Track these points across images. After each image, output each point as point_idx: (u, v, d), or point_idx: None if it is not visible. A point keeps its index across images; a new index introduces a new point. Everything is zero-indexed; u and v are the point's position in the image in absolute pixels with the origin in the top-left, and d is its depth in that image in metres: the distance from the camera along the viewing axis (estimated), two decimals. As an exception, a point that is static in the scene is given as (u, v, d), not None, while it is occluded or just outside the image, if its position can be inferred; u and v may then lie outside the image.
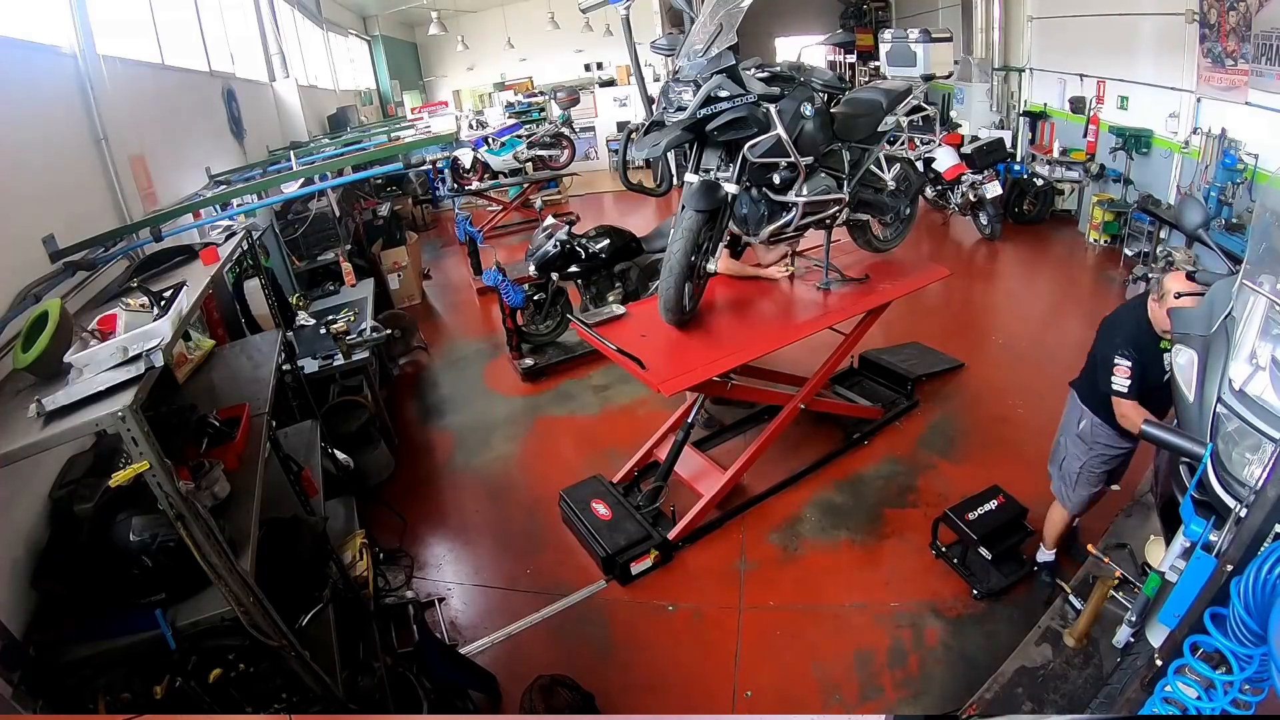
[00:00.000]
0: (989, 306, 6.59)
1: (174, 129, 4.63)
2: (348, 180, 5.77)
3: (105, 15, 3.84)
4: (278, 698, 2.01)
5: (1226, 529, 1.57)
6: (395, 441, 4.71)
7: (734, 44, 3.00)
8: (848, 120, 3.56)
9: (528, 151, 10.85)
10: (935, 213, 8.37)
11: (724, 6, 3.02)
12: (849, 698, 2.72)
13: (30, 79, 3.01)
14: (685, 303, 3.45)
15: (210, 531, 1.74)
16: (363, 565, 2.99)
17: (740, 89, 3.01)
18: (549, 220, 5.63)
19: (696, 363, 3.26)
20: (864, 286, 3.95)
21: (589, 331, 3.58)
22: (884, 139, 3.78)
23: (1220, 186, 5.34)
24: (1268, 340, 1.67)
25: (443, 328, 7.19)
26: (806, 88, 3.25)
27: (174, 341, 1.82)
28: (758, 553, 3.51)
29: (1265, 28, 4.85)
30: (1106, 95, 7.25)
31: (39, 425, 1.62)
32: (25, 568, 1.94)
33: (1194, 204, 2.21)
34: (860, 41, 15.59)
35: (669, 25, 13.03)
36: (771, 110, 3.06)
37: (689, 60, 3.05)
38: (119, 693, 1.77)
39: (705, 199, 3.16)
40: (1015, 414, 4.45)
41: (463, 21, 13.68)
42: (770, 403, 3.86)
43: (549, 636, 3.17)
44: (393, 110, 12.95)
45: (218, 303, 4.06)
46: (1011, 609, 3.01)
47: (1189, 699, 1.50)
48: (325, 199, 6.01)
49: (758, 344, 3.47)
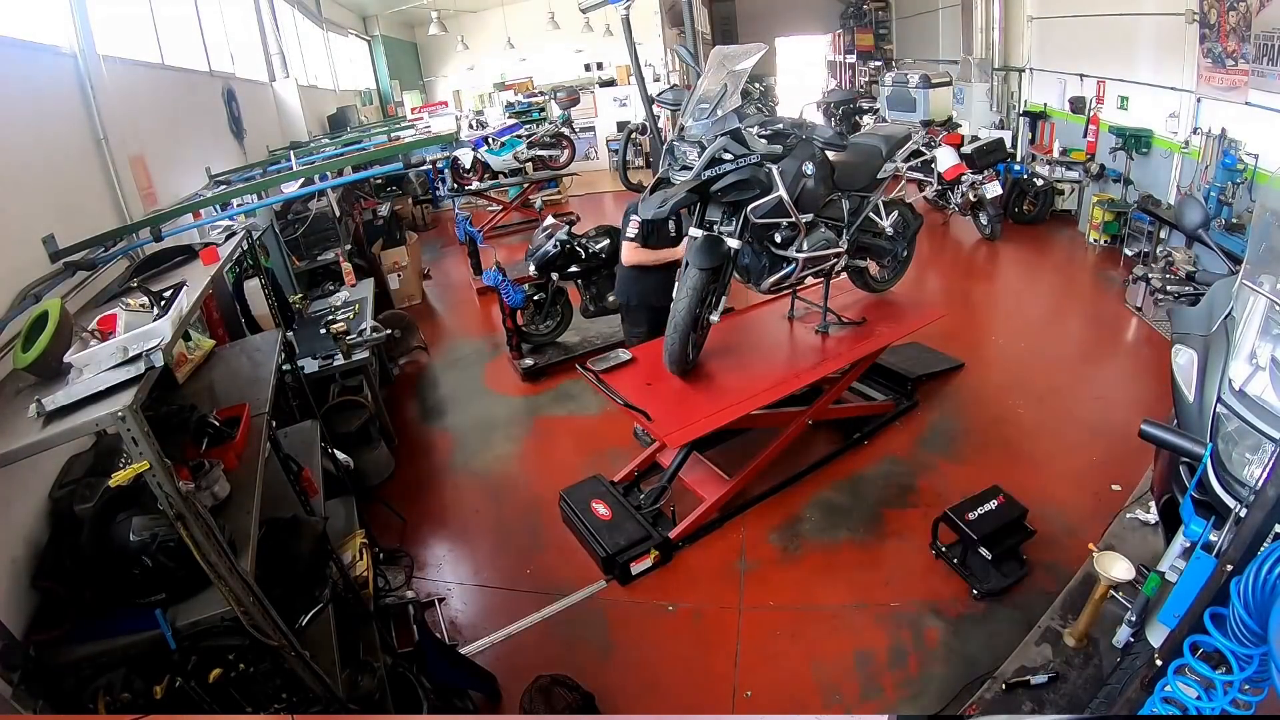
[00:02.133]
0: (989, 307, 6.59)
1: (174, 129, 4.63)
2: (348, 180, 5.78)
3: (105, 15, 3.84)
4: (278, 698, 2.00)
5: (1226, 529, 1.57)
6: (395, 441, 4.71)
7: (739, 105, 3.08)
8: (848, 169, 3.64)
9: (528, 151, 10.85)
10: (935, 213, 8.37)
11: (729, 65, 3.10)
12: (849, 698, 2.72)
13: (30, 79, 3.01)
14: (690, 354, 3.56)
15: (210, 531, 1.74)
16: (363, 565, 2.99)
17: (744, 149, 3.08)
18: (549, 220, 5.64)
19: (700, 414, 3.39)
20: (862, 330, 4.03)
21: (597, 383, 3.68)
22: (883, 185, 3.86)
23: (1220, 186, 5.34)
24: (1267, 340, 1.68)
25: (443, 328, 7.19)
26: (808, 145, 3.32)
27: (174, 341, 1.82)
28: (758, 553, 3.51)
29: (1265, 28, 4.85)
30: (1106, 95, 7.26)
31: (39, 425, 1.62)
32: (25, 568, 1.94)
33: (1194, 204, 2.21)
34: (860, 42, 15.63)
35: (669, 25, 13.07)
36: (774, 171, 3.15)
37: (695, 120, 3.15)
38: (119, 693, 1.77)
39: (709, 256, 3.27)
40: (1015, 414, 4.45)
41: (463, 21, 13.69)
42: (777, 425, 3.90)
43: (549, 636, 3.17)
44: (393, 110, 12.94)
45: (218, 303, 4.06)
46: (1011, 609, 3.00)
47: (1189, 699, 1.50)
48: (325, 199, 6.01)
49: (759, 394, 3.55)
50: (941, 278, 7.22)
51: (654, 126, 4.79)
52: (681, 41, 10.92)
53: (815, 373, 3.80)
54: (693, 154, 3.15)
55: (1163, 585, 1.93)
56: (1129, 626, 2.22)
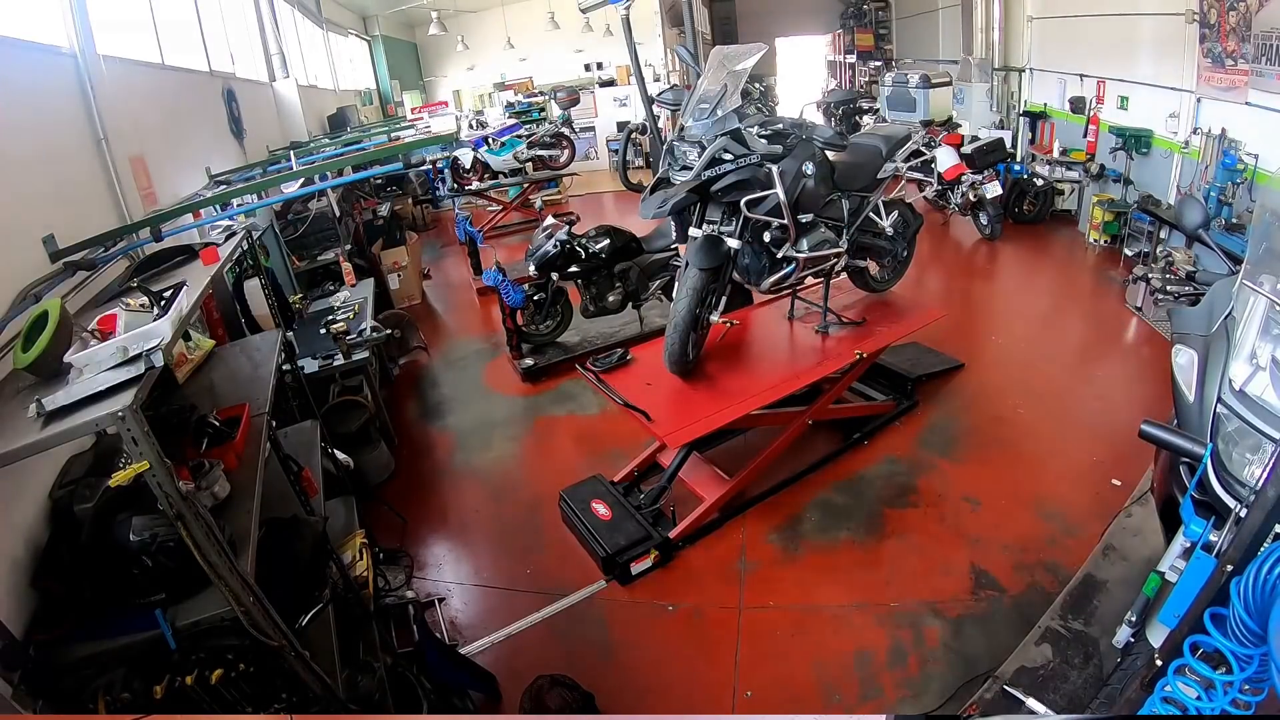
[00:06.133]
0: (989, 307, 6.59)
1: (174, 129, 4.63)
2: (348, 180, 5.77)
3: (105, 15, 3.84)
4: (278, 698, 2.00)
5: (1226, 529, 1.57)
6: (395, 441, 4.71)
7: (739, 105, 3.08)
8: (848, 170, 3.65)
9: (528, 151, 10.85)
10: (935, 213, 8.37)
11: (729, 65, 3.10)
12: (849, 698, 2.72)
13: (30, 79, 3.01)
14: (689, 354, 3.55)
15: (210, 531, 1.74)
16: (363, 565, 2.99)
17: (744, 149, 3.08)
18: (549, 220, 5.63)
19: (700, 414, 3.39)
20: (861, 330, 4.03)
21: (598, 383, 3.69)
22: (883, 185, 3.86)
23: (1220, 186, 5.34)
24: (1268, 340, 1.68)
25: (443, 328, 7.19)
26: (808, 144, 3.32)
27: (174, 341, 1.82)
28: (758, 553, 3.51)
29: (1265, 28, 4.84)
30: (1106, 95, 7.25)
31: (39, 425, 1.61)
32: (25, 568, 1.94)
33: (1194, 204, 2.22)
34: (860, 42, 15.64)
35: (669, 25, 13.07)
36: (774, 171, 3.14)
37: (695, 120, 3.15)
38: (119, 693, 1.77)
39: (709, 256, 3.27)
40: (1015, 414, 4.45)
41: (463, 21, 13.68)
42: (778, 425, 3.90)
43: (549, 636, 3.17)
44: (393, 110, 12.93)
45: (218, 303, 4.06)
46: (1011, 609, 3.01)
47: (1189, 699, 1.50)
48: (325, 199, 6.01)
49: (758, 394, 3.56)
50: (941, 278, 7.22)
51: (654, 126, 4.79)
52: (681, 41, 10.92)
53: (815, 373, 3.80)
54: (693, 154, 3.15)
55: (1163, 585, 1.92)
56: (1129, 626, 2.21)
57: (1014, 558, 3.26)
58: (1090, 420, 4.30)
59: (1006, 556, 3.27)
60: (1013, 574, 3.18)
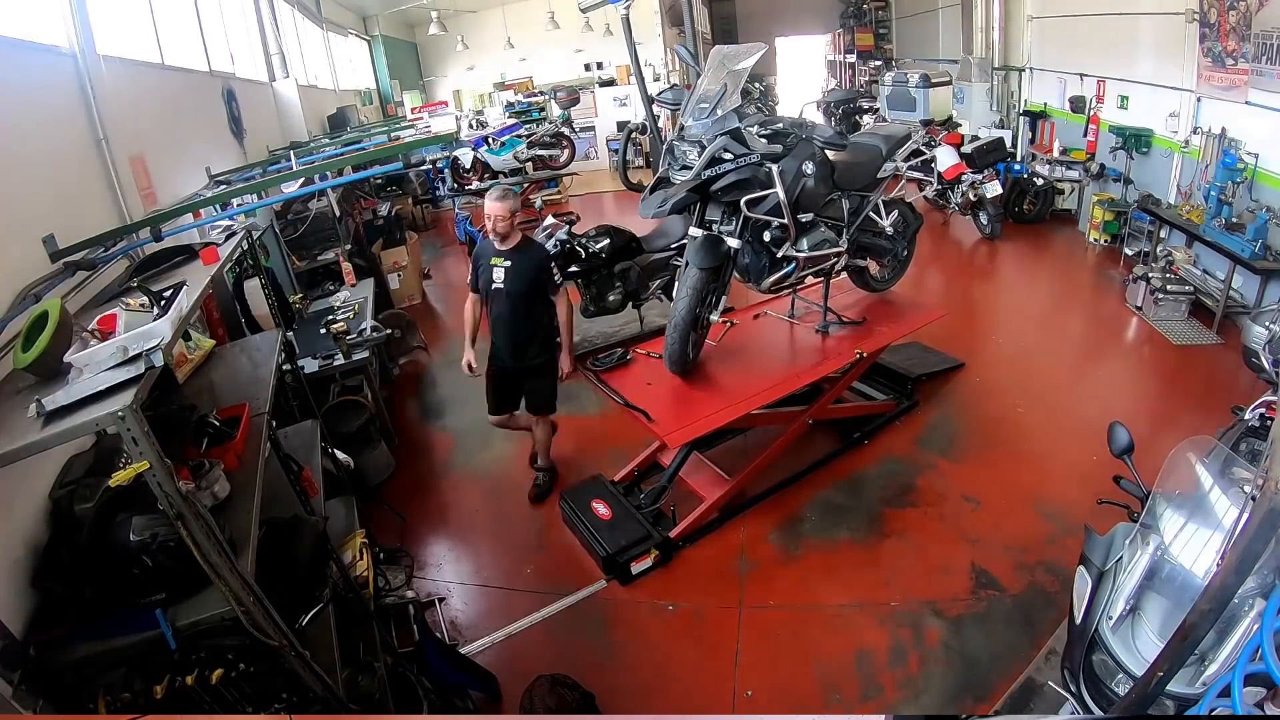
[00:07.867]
0: (989, 306, 6.59)
1: (174, 129, 4.63)
2: (348, 180, 5.78)
3: (105, 15, 3.84)
4: (278, 697, 2.00)
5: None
6: (395, 441, 4.71)
7: (739, 105, 3.08)
8: (848, 169, 3.64)
9: (528, 151, 10.84)
10: (935, 212, 8.37)
11: (729, 65, 3.09)
12: (849, 698, 2.72)
13: (30, 79, 3.01)
14: (689, 353, 3.56)
15: (210, 531, 1.74)
16: (363, 565, 2.99)
17: (744, 149, 3.08)
18: (549, 220, 5.63)
19: (700, 413, 3.39)
20: (861, 329, 4.03)
21: (597, 382, 3.70)
22: (883, 185, 3.86)
23: (1220, 186, 5.34)
24: (1143, 589, 1.86)
25: (443, 328, 7.18)
26: (808, 144, 3.32)
27: (174, 341, 1.82)
28: (758, 553, 3.51)
29: (1265, 27, 4.84)
30: (1106, 95, 7.25)
31: (39, 425, 1.61)
32: (25, 568, 1.94)
33: (1120, 431, 2.25)
34: (860, 41, 15.64)
35: (669, 25, 13.06)
36: (774, 170, 3.14)
37: (695, 119, 3.15)
38: (119, 693, 1.77)
39: (709, 256, 3.27)
40: (1015, 414, 4.44)
41: (463, 21, 13.69)
42: (778, 424, 3.90)
43: (549, 636, 3.17)
44: (393, 110, 12.94)
45: (218, 303, 4.06)
46: (1012, 608, 3.01)
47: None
48: (325, 199, 6.01)
49: (758, 393, 3.55)
50: (941, 277, 7.22)
51: (654, 126, 4.79)
52: (681, 41, 10.92)
53: (815, 372, 3.80)
54: (693, 154, 3.15)
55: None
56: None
57: (1014, 557, 3.26)
58: (1090, 419, 4.28)
59: (1007, 556, 3.27)
60: (1013, 574, 3.18)
